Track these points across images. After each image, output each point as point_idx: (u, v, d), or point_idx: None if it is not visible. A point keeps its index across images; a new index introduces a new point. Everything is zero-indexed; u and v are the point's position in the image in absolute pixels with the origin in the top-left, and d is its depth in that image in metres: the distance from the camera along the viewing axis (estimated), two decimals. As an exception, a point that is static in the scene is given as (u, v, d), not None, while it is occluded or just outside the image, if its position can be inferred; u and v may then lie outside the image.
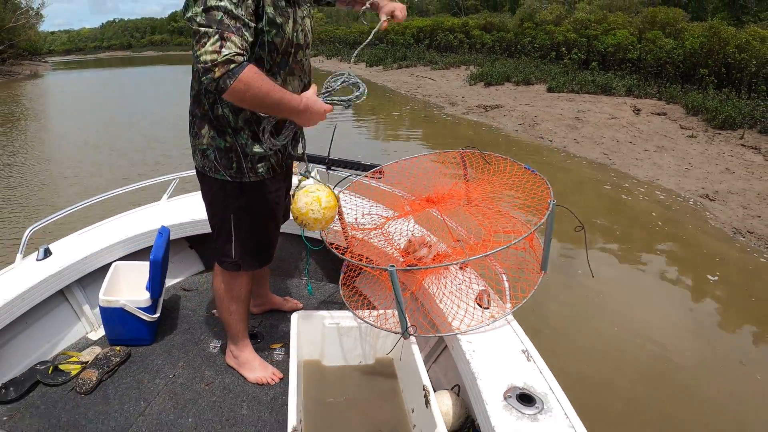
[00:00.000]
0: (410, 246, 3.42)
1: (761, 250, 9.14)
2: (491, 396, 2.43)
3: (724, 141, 16.23)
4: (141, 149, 16.78)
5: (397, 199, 3.69)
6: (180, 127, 19.40)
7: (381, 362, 3.37)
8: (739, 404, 5.34)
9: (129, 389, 3.37)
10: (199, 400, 3.28)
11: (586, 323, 6.60)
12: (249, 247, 3.23)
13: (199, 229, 4.50)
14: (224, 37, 2.39)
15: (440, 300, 3.16)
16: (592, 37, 29.74)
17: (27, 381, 3.38)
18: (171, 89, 36.25)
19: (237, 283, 3.32)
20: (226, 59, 2.38)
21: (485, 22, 41.97)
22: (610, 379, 5.52)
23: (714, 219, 10.53)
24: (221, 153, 2.92)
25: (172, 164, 14.06)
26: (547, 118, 19.72)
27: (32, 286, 3.51)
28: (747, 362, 6.03)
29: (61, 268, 3.72)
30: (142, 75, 54.95)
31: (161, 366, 3.59)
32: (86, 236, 4.17)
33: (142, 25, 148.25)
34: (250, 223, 3.17)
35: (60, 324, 3.91)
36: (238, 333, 3.48)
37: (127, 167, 14.54)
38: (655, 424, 5.03)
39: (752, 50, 21.17)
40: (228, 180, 2.99)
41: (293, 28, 2.81)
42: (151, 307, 3.70)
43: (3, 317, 3.32)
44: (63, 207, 4.18)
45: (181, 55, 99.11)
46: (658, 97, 22.20)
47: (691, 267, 8.60)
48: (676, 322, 6.85)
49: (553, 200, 2.86)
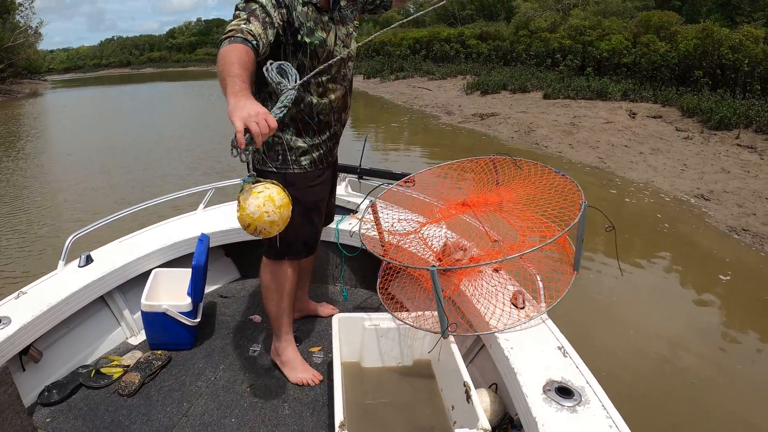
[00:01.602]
0: (446, 249, 3.51)
1: (757, 247, 9.09)
2: (531, 390, 2.50)
3: (719, 141, 16.16)
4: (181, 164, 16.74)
5: (430, 205, 3.75)
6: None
7: (419, 363, 3.41)
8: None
9: (171, 391, 3.41)
10: (241, 401, 3.32)
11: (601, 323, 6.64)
12: (293, 236, 3.32)
13: (234, 238, 4.59)
14: (250, 18, 2.71)
15: (477, 301, 3.21)
16: (587, 43, 29.54)
17: (70, 384, 3.44)
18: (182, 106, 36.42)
19: (283, 275, 3.42)
20: (236, 29, 2.64)
21: (481, 31, 41.80)
22: (624, 379, 5.43)
23: (709, 218, 10.50)
24: (269, 147, 3.18)
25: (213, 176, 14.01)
26: (542, 125, 19.66)
27: (74, 292, 3.56)
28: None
29: (102, 275, 3.79)
30: (149, 91, 54.66)
31: (202, 369, 3.64)
32: (126, 244, 4.26)
33: (141, 43, 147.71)
34: (298, 214, 3.22)
35: (101, 329, 3.98)
36: (281, 327, 3.56)
37: (160, 182, 14.44)
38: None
39: (746, 50, 20.97)
40: (274, 171, 3.21)
41: (335, 41, 3.09)
42: (192, 311, 3.75)
43: (46, 321, 3.37)
44: (104, 215, 4.25)
45: (180, 71, 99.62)
46: (653, 100, 22.08)
47: (690, 265, 8.61)
48: (685, 322, 6.80)
49: (584, 201, 2.94)
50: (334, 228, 4.33)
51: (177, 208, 5.06)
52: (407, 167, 4.40)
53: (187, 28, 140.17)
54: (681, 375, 5.64)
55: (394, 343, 3.39)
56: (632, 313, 6.87)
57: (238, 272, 5.02)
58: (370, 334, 3.36)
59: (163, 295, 3.95)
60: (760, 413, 5.09)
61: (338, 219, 4.41)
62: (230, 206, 4.99)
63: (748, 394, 5.36)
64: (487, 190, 3.45)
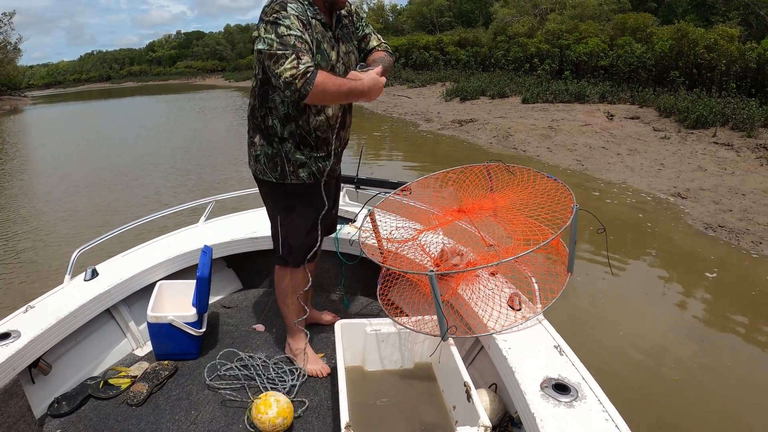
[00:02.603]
0: (444, 254, 3.55)
1: (734, 243, 9.17)
2: (529, 387, 2.57)
3: (696, 140, 16.27)
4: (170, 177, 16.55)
5: (426, 213, 3.80)
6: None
7: (420, 366, 3.47)
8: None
9: (179, 400, 3.44)
10: (248, 406, 3.29)
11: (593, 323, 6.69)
12: (293, 244, 3.49)
13: (236, 249, 4.67)
14: (299, 56, 2.77)
15: (474, 304, 3.29)
16: (564, 46, 29.67)
17: (79, 395, 3.46)
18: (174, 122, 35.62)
19: (291, 277, 3.58)
20: (304, 70, 2.75)
21: (460, 38, 41.61)
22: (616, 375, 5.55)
23: (686, 216, 10.56)
24: (268, 158, 3.28)
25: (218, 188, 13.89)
26: (520, 129, 19.68)
27: (81, 305, 3.60)
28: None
29: (108, 288, 3.83)
30: (130, 106, 53.31)
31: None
32: (130, 257, 4.30)
33: (121, 57, 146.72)
34: (294, 223, 3.46)
35: (108, 341, 4.01)
36: (292, 324, 3.71)
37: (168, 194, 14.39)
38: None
39: (721, 49, 21.11)
40: (273, 182, 3.34)
41: (337, 59, 3.16)
42: (198, 322, 3.79)
43: (55, 334, 3.39)
44: (106, 226, 4.30)
45: (160, 85, 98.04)
46: (631, 101, 22.21)
47: (672, 263, 8.64)
48: (671, 319, 6.88)
49: (576, 205, 3.00)
50: (334, 237, 4.37)
51: (164, 227, 5.11)
52: (393, 175, 4.44)
53: (166, 41, 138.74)
54: (668, 372, 5.67)
55: (395, 347, 3.43)
56: (620, 313, 6.91)
57: (240, 283, 5.05)
58: (372, 339, 3.40)
59: (168, 307, 3.98)
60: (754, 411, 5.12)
61: (337, 228, 4.43)
62: (230, 218, 5.06)
63: (733, 390, 5.38)
64: (482, 196, 3.50)
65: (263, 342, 4.06)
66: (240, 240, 4.64)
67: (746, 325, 6.66)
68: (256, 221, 4.80)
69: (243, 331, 4.23)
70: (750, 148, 14.62)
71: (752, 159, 14.01)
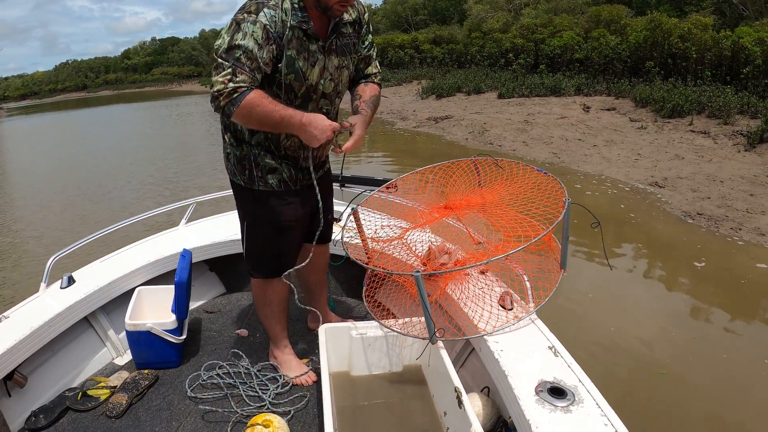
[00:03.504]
0: (431, 253, 3.39)
1: (712, 229, 9.14)
2: (523, 392, 2.42)
3: (673, 129, 16.22)
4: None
5: (413, 210, 3.64)
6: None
7: (409, 369, 3.30)
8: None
9: (160, 411, 3.27)
10: (231, 416, 3.17)
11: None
12: (257, 254, 3.30)
13: (218, 252, 4.50)
14: (236, 72, 2.59)
15: (464, 304, 3.13)
16: (539, 41, 29.24)
17: (57, 408, 3.30)
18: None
19: (266, 287, 3.38)
20: (231, 90, 2.59)
21: (434, 35, 41.07)
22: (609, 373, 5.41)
23: (665, 204, 10.53)
24: (237, 159, 3.05)
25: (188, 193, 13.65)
26: (496, 124, 19.51)
27: (57, 314, 3.44)
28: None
29: (85, 295, 3.67)
30: (107, 115, 51.62)
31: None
32: (108, 263, 4.12)
33: (96, 65, 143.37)
34: (259, 232, 3.23)
35: (86, 351, 3.85)
36: (274, 335, 3.54)
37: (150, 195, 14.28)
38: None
39: (695, 38, 21.01)
40: (242, 185, 3.11)
41: (320, 75, 2.86)
42: (178, 329, 3.62)
43: (30, 345, 3.24)
44: (84, 236, 4.10)
45: (136, 92, 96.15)
46: (607, 93, 21.98)
47: (650, 254, 8.58)
48: (660, 308, 6.84)
49: (568, 199, 2.84)
50: None
51: (144, 233, 5.01)
52: (374, 174, 4.35)
53: (141, 48, 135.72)
54: (661, 366, 5.56)
55: (382, 351, 3.26)
56: (610, 307, 6.80)
57: (223, 287, 4.87)
58: (358, 342, 3.23)
59: (148, 313, 3.81)
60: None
61: None
62: (212, 220, 4.87)
63: (728, 384, 5.27)
64: (470, 191, 3.34)
65: (247, 348, 3.86)
66: (222, 242, 4.47)
67: (738, 315, 6.58)
68: (239, 223, 4.57)
69: (226, 337, 4.05)
70: (727, 135, 14.59)
71: (729, 146, 13.98)
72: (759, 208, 9.90)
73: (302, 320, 4.17)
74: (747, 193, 10.78)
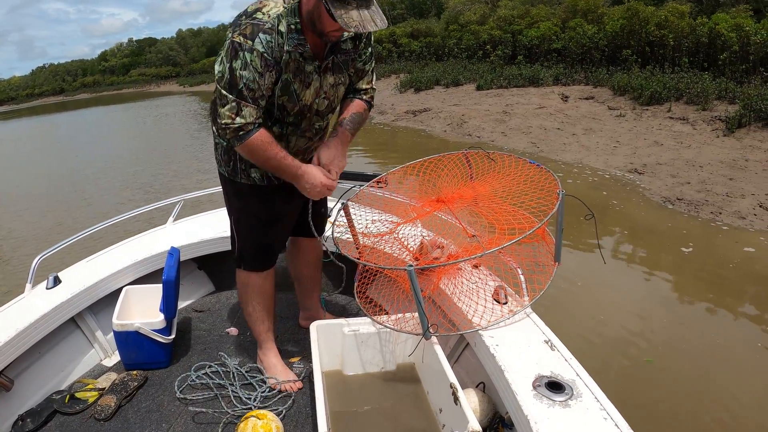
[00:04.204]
0: (423, 248, 3.32)
1: (693, 214, 9.18)
2: (520, 387, 2.35)
3: (652, 116, 16.26)
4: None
5: (404, 205, 3.56)
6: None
7: (402, 367, 3.21)
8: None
9: (149, 413, 3.18)
10: (222, 417, 3.08)
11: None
12: (246, 246, 3.23)
13: (207, 250, 4.39)
14: (240, 106, 2.56)
15: (458, 299, 3.04)
16: (516, 32, 29.06)
17: (44, 411, 3.20)
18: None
19: (250, 282, 3.30)
20: (238, 127, 2.58)
21: (412, 29, 40.61)
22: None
23: (645, 191, 10.55)
24: (224, 150, 3.02)
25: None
26: (474, 116, 19.48)
27: (43, 315, 3.33)
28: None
29: (71, 295, 3.55)
30: (85, 118, 50.10)
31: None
32: (95, 262, 3.99)
33: (73, 68, 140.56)
34: (247, 224, 3.19)
35: (73, 352, 3.73)
36: (258, 334, 3.43)
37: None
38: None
39: (671, 26, 20.99)
40: (226, 176, 3.09)
41: (315, 95, 2.79)
42: (166, 328, 3.51)
43: (16, 347, 3.14)
44: (70, 233, 3.95)
45: (114, 95, 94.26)
46: (585, 82, 21.93)
47: (634, 240, 8.58)
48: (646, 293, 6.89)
49: (561, 190, 2.77)
50: None
51: (131, 232, 4.94)
52: (358, 170, 4.33)
53: (119, 50, 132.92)
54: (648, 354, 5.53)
55: (375, 348, 3.17)
56: (599, 295, 6.79)
57: (212, 285, 4.75)
58: (350, 340, 3.13)
59: (136, 313, 3.70)
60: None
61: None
62: (201, 218, 4.75)
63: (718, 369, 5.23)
64: (462, 185, 3.25)
65: (237, 346, 3.77)
66: (210, 240, 4.35)
67: (728, 300, 6.59)
68: (227, 220, 4.42)
69: (216, 336, 3.94)
70: (705, 121, 14.64)
71: (708, 131, 14.03)
72: (738, 192, 9.91)
73: (293, 318, 4.07)
74: (726, 177, 10.80)
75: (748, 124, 13.57)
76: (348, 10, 2.40)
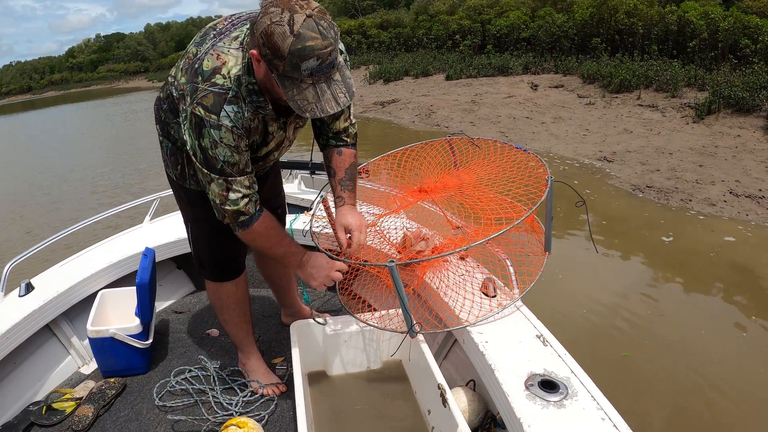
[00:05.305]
0: (406, 241, 3.13)
1: (663, 202, 9.11)
2: (512, 387, 2.18)
3: (621, 104, 16.19)
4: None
5: (386, 195, 3.37)
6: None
7: (389, 365, 3.03)
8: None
9: (128, 422, 2.99)
10: (202, 425, 2.89)
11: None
12: (204, 256, 2.95)
13: (184, 249, 4.05)
14: (229, 182, 2.27)
15: (444, 293, 2.84)
16: (485, 21, 28.92)
17: (21, 424, 3.02)
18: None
19: (221, 291, 3.01)
20: (236, 211, 2.34)
21: (382, 20, 40.06)
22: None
23: (614, 179, 10.44)
24: (171, 150, 2.63)
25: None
26: (443, 106, 19.29)
27: (16, 323, 3.13)
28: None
29: (45, 302, 3.33)
30: (53, 117, 47.99)
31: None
32: (68, 267, 3.76)
33: (40, 66, 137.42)
34: (201, 233, 2.90)
35: (49, 361, 3.52)
36: (237, 341, 3.17)
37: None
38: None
39: (641, 14, 20.98)
40: (175, 180, 2.74)
41: (277, 146, 2.55)
42: (143, 333, 3.29)
43: None
44: (40, 240, 3.72)
45: (82, 92, 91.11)
46: (554, 71, 21.72)
47: (605, 231, 8.43)
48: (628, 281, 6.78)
49: (550, 176, 2.59)
50: (288, 228, 3.86)
51: (107, 233, 4.79)
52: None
53: (86, 46, 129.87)
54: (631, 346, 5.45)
55: (360, 347, 2.99)
56: (579, 286, 6.64)
57: (192, 285, 4.53)
58: (333, 339, 2.95)
59: (113, 318, 3.49)
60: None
61: (292, 218, 4.00)
62: (179, 215, 4.17)
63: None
64: (445, 173, 3.07)
65: (218, 349, 3.57)
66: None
67: (709, 287, 6.56)
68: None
69: (196, 338, 3.74)
70: (675, 108, 14.63)
71: (677, 118, 14.02)
72: (708, 179, 9.85)
73: (275, 316, 3.88)
74: (696, 164, 10.75)
75: (718, 110, 13.53)
76: (302, 90, 2.03)
